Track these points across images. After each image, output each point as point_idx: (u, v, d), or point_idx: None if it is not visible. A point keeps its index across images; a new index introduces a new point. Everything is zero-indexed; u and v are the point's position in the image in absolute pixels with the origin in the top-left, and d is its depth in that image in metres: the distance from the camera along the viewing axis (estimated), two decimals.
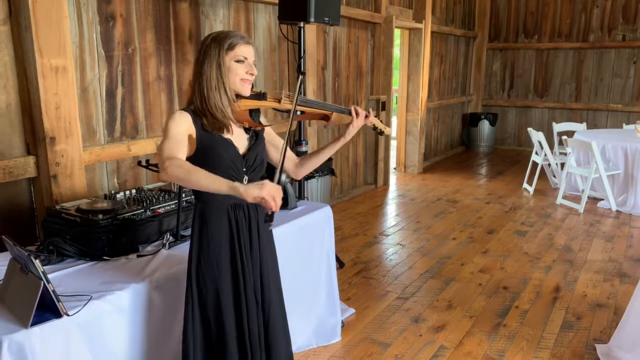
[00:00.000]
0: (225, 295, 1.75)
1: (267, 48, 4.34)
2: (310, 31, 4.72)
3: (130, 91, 3.23)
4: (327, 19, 3.45)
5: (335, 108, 1.95)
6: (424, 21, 6.82)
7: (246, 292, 1.78)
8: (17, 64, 2.63)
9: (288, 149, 1.89)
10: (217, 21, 3.79)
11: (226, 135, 1.72)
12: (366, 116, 1.93)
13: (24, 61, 2.61)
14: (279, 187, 1.55)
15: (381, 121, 2.05)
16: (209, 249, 1.74)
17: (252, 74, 1.73)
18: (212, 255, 1.74)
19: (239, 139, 1.76)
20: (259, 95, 1.78)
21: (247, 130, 1.80)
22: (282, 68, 4.54)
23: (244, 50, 1.71)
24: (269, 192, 1.51)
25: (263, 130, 1.86)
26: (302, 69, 3.56)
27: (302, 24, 3.51)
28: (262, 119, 1.87)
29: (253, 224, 1.80)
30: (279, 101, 1.82)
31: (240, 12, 4.02)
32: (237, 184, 1.53)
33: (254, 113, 1.81)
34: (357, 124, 1.90)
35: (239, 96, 1.74)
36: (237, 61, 1.70)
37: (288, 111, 1.80)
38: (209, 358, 1.79)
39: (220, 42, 1.69)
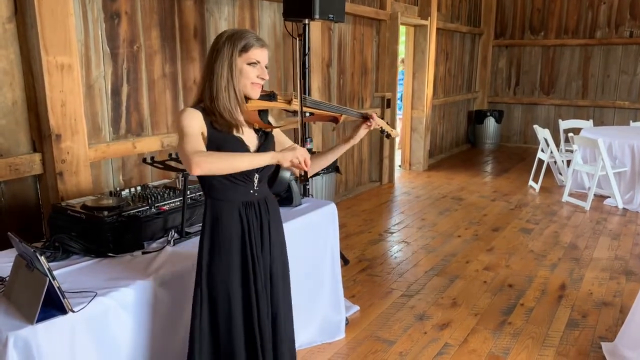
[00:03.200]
0: (235, 294, 1.74)
1: (272, 45, 4.33)
2: (315, 28, 4.71)
3: (135, 88, 3.24)
4: (331, 15, 3.44)
5: (344, 110, 1.94)
6: (429, 18, 6.79)
7: (257, 290, 1.77)
8: (23, 62, 2.64)
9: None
10: (221, 18, 3.79)
11: (237, 134, 1.70)
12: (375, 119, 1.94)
13: (30, 59, 2.62)
14: (306, 150, 1.68)
15: (387, 123, 2.05)
16: (221, 247, 1.73)
17: (263, 78, 1.71)
18: (223, 253, 1.73)
19: (250, 138, 1.75)
20: (269, 96, 1.78)
21: (256, 129, 1.80)
22: (287, 65, 4.53)
23: (258, 54, 1.68)
24: (301, 154, 1.66)
25: (272, 130, 1.85)
26: (306, 66, 3.55)
27: (307, 21, 3.51)
28: (271, 119, 1.87)
29: (264, 221, 1.80)
30: (289, 102, 1.82)
31: (245, 9, 4.02)
32: (273, 152, 1.65)
33: (263, 113, 1.80)
34: (371, 126, 1.91)
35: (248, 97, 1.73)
36: (250, 64, 1.67)
37: (296, 113, 1.81)
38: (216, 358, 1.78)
39: (234, 42, 1.65)
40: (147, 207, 2.25)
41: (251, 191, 1.76)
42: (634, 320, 2.62)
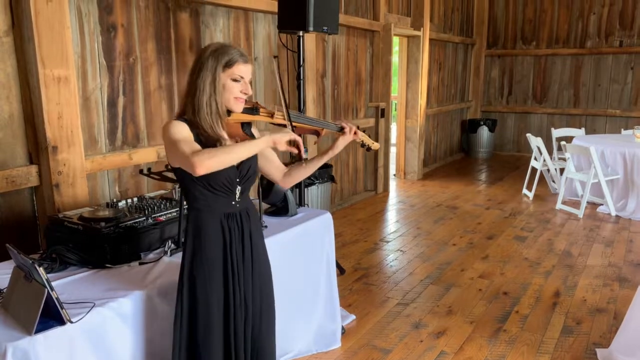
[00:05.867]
0: (214, 302, 1.77)
1: (267, 57, 4.38)
2: (310, 40, 4.76)
3: (131, 100, 3.26)
4: (325, 27, 3.48)
5: (325, 124, 2.00)
6: (422, 29, 6.87)
7: (235, 301, 1.80)
8: (20, 75, 2.66)
9: (278, 160, 1.99)
10: (217, 30, 3.83)
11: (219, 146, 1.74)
12: (355, 132, 1.98)
13: (27, 72, 2.65)
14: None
15: (369, 136, 2.10)
16: (202, 256, 1.76)
17: (246, 93, 1.74)
18: (204, 262, 1.76)
19: None
20: (252, 110, 1.81)
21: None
22: (281, 76, 4.57)
23: (242, 70, 1.71)
24: (295, 136, 1.72)
25: None
26: (301, 77, 3.59)
27: (301, 33, 3.55)
28: (254, 131, 1.91)
29: (245, 232, 1.83)
30: (272, 116, 1.85)
31: (240, 22, 4.07)
32: (267, 135, 1.69)
33: (246, 126, 1.84)
34: (346, 139, 1.96)
35: (230, 110, 1.76)
36: (233, 79, 1.70)
37: (280, 125, 1.85)
38: None
39: (218, 57, 1.68)
40: (144, 218, 2.27)
41: (233, 202, 1.79)
42: (629, 326, 2.64)
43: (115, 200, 2.48)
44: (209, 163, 1.55)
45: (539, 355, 2.80)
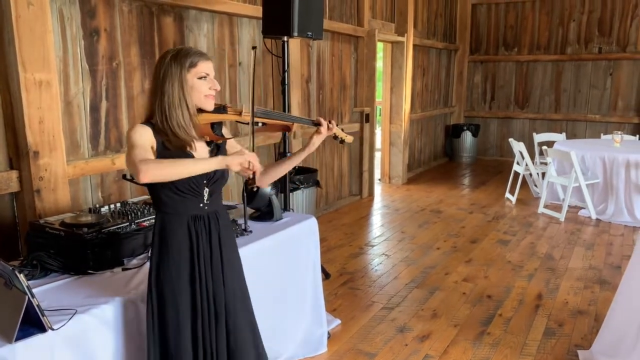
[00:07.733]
0: (182, 304, 1.77)
1: (251, 62, 4.37)
2: (294, 45, 4.77)
3: (114, 105, 3.24)
4: (310, 33, 3.50)
5: (297, 119, 1.99)
6: (406, 34, 6.93)
7: (202, 302, 1.80)
8: (0, 78, 2.62)
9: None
10: (201, 35, 3.82)
11: (189, 151, 1.74)
12: (329, 127, 1.97)
13: (7, 75, 2.61)
14: (255, 155, 1.69)
15: (342, 130, 2.10)
16: (168, 259, 1.76)
17: (215, 89, 1.76)
18: (171, 265, 1.76)
19: (201, 153, 1.79)
20: (219, 109, 1.82)
21: (208, 143, 1.83)
22: (266, 81, 4.58)
23: (205, 67, 1.74)
24: (250, 158, 1.66)
25: (225, 142, 1.89)
26: (285, 82, 3.60)
27: (285, 38, 3.56)
28: (225, 131, 1.91)
29: (214, 234, 1.82)
30: (240, 114, 1.86)
31: (225, 26, 4.06)
32: (221, 157, 1.66)
33: (216, 126, 1.84)
34: (321, 136, 1.96)
35: (200, 110, 1.77)
36: (200, 78, 1.73)
37: (247, 124, 1.85)
38: None
39: (180, 60, 1.71)
40: (127, 224, 2.25)
41: (201, 205, 1.79)
42: (609, 327, 2.68)
43: (98, 205, 2.45)
44: (154, 172, 1.55)
45: (522, 357, 2.83)
